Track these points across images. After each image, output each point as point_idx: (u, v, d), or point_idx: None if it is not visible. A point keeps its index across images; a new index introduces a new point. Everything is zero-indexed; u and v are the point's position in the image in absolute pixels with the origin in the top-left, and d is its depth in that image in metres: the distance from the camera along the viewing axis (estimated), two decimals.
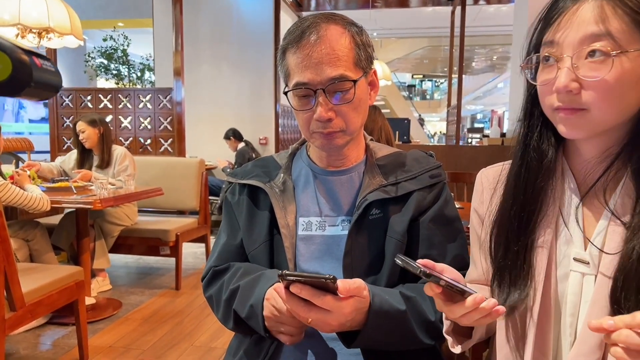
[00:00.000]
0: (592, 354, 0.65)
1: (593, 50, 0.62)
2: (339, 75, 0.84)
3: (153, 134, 4.58)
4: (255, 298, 0.85)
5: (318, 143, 0.91)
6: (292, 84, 0.88)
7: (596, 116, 0.64)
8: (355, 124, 0.90)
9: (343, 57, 0.85)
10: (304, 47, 0.85)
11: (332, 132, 0.88)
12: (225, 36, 5.79)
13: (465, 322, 0.66)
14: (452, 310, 0.64)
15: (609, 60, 0.62)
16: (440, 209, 0.93)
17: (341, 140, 0.90)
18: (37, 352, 2.34)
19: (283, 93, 0.91)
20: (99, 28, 8.49)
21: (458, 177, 2.82)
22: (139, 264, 4.00)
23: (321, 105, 0.85)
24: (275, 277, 0.85)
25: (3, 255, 1.75)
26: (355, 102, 0.88)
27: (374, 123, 2.10)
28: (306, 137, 0.94)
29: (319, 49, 0.84)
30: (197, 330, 2.64)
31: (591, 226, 0.70)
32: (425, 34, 11.44)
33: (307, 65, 0.85)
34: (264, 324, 0.83)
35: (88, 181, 3.03)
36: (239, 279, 0.92)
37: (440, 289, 0.63)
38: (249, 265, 0.97)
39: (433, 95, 22.09)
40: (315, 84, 0.85)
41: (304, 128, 0.91)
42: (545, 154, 0.73)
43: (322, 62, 0.84)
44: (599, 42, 0.62)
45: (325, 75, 0.84)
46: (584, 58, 0.63)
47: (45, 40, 3.15)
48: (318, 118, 0.86)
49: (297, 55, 0.86)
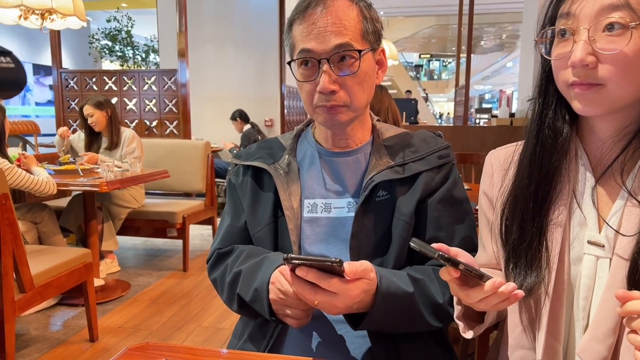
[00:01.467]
0: (606, 338, 0.63)
1: (611, 24, 0.60)
2: (344, 43, 0.82)
3: (158, 116, 4.57)
4: (259, 281, 0.84)
5: (321, 119, 0.89)
6: (296, 53, 0.85)
7: (613, 91, 0.62)
8: (360, 100, 0.88)
9: (350, 27, 0.83)
10: (309, 16, 0.83)
11: (336, 105, 0.85)
12: (229, 16, 5.71)
13: (482, 307, 0.64)
14: (470, 295, 0.63)
15: (627, 33, 0.59)
16: (449, 190, 0.91)
17: (345, 117, 0.87)
18: (47, 332, 2.38)
19: (287, 63, 0.89)
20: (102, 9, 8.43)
21: (466, 158, 2.79)
22: (147, 246, 4.04)
23: (325, 75, 0.83)
24: (279, 259, 0.84)
25: (12, 238, 1.76)
26: (360, 76, 0.85)
27: (380, 103, 2.07)
28: (309, 113, 0.91)
29: (325, 18, 0.82)
30: (205, 311, 2.66)
31: (606, 208, 0.68)
32: (433, 12, 11.25)
33: (311, 33, 0.83)
34: (269, 307, 0.82)
35: (94, 164, 3.04)
36: (242, 262, 0.91)
37: (458, 274, 0.61)
38: (252, 247, 0.96)
39: (440, 75, 21.84)
40: (319, 53, 0.83)
41: (307, 102, 0.88)
42: (560, 132, 0.71)
43: (327, 30, 0.82)
44: (617, 13, 0.59)
45: (330, 43, 0.82)
46: (601, 31, 0.61)
47: (48, 22, 3.13)
48: (321, 89, 0.84)
49: (303, 26, 0.84)
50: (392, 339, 0.85)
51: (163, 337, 2.35)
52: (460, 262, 0.60)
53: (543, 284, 0.69)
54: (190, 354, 0.71)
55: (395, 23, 13.18)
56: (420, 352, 0.87)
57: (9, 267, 1.75)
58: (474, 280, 0.62)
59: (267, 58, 5.70)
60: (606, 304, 0.64)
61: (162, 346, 0.71)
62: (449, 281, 0.64)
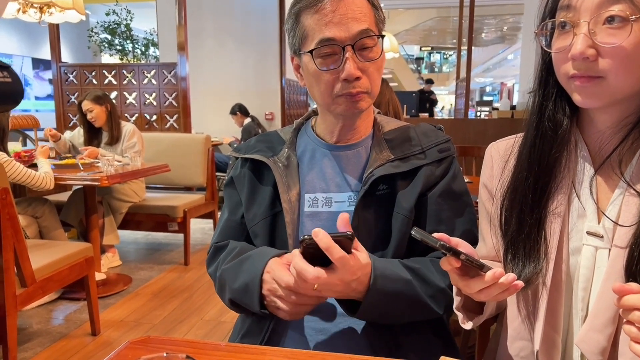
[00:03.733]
0: (605, 328, 0.64)
1: (611, 17, 0.60)
2: (366, 28, 0.83)
3: (158, 110, 4.56)
4: (250, 274, 0.83)
5: (341, 109, 0.87)
6: (314, 42, 0.83)
7: (613, 84, 0.62)
8: (378, 86, 0.89)
9: (366, 14, 0.84)
10: (323, 7, 0.82)
11: (360, 92, 0.85)
12: (229, 9, 5.69)
13: (482, 298, 0.65)
14: (470, 285, 0.63)
15: (628, 26, 0.59)
16: (448, 183, 0.91)
17: (365, 104, 0.88)
18: (49, 326, 2.39)
19: (308, 52, 0.84)
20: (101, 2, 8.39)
21: (466, 151, 2.78)
22: (148, 240, 4.05)
23: (350, 62, 0.82)
24: (271, 253, 0.85)
25: (12, 232, 1.76)
26: (379, 62, 0.87)
27: (381, 96, 2.05)
28: (326, 105, 0.89)
29: (341, 6, 0.82)
30: (206, 304, 2.67)
31: (605, 199, 0.68)
32: (434, 4, 11.18)
33: (331, 21, 0.82)
34: (259, 299, 0.82)
35: (95, 158, 3.03)
36: (233, 257, 0.92)
37: (459, 264, 0.61)
38: (245, 244, 0.96)
39: (441, 68, 21.74)
40: (342, 40, 0.82)
41: (326, 93, 0.86)
42: (560, 124, 0.71)
43: (347, 17, 0.82)
44: (617, 6, 0.59)
45: (353, 30, 0.82)
46: (601, 24, 0.61)
47: (47, 15, 3.12)
48: (347, 76, 0.83)
49: (318, 15, 0.82)
50: (392, 332, 0.85)
51: (165, 330, 2.36)
52: (461, 252, 0.60)
53: (541, 274, 0.69)
54: (191, 347, 0.71)
55: (396, 15, 13.11)
56: (421, 344, 0.87)
57: (10, 261, 1.75)
58: (474, 270, 0.63)
59: (268, 51, 5.68)
60: (605, 295, 0.64)
61: (164, 340, 0.72)
62: (450, 271, 0.64)
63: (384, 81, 2.18)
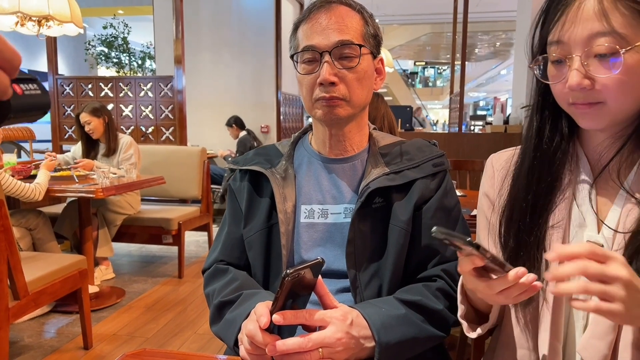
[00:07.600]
0: (605, 335, 0.65)
1: (603, 53, 0.62)
2: (346, 39, 0.87)
3: (154, 122, 4.56)
4: (235, 318, 0.83)
5: (320, 113, 0.90)
6: (300, 49, 0.90)
7: (614, 107, 0.64)
8: (359, 97, 0.91)
9: (352, 27, 0.89)
10: (313, 18, 0.89)
11: (335, 97, 0.88)
12: (226, 23, 5.74)
13: (501, 300, 0.62)
14: (492, 286, 0.61)
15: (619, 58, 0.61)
16: (440, 198, 0.93)
17: (344, 112, 0.90)
18: (41, 340, 2.36)
19: (289, 57, 0.94)
20: (99, 16, 8.44)
21: (461, 165, 2.81)
22: (142, 252, 4.02)
23: (326, 65, 0.87)
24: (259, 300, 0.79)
25: (6, 244, 1.75)
26: (359, 72, 0.89)
27: (376, 111, 2.07)
28: (309, 109, 0.94)
29: (329, 18, 0.88)
30: (200, 318, 2.65)
31: (605, 208, 0.70)
32: (428, 20, 11.33)
33: (315, 31, 0.88)
34: (235, 341, 0.80)
35: (90, 170, 3.03)
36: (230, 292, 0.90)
37: (483, 262, 0.59)
38: (245, 279, 0.94)
39: (435, 83, 21.95)
40: (321, 47, 0.88)
41: (307, 97, 0.91)
42: (559, 146, 0.73)
43: (330, 28, 0.88)
44: (605, 39, 0.61)
45: (332, 39, 0.87)
46: (592, 56, 0.63)
47: (45, 29, 3.13)
48: (322, 80, 0.87)
49: (307, 26, 0.90)
50: None
51: (158, 344, 2.34)
52: (488, 250, 0.58)
53: (543, 284, 0.70)
54: (186, 359, 0.71)
55: (391, 31, 13.26)
56: (416, 359, 0.87)
57: (3, 273, 1.74)
58: (493, 270, 0.61)
59: (264, 65, 5.72)
60: None
61: (159, 352, 0.72)
62: (467, 273, 0.62)
63: (379, 95, 2.20)
